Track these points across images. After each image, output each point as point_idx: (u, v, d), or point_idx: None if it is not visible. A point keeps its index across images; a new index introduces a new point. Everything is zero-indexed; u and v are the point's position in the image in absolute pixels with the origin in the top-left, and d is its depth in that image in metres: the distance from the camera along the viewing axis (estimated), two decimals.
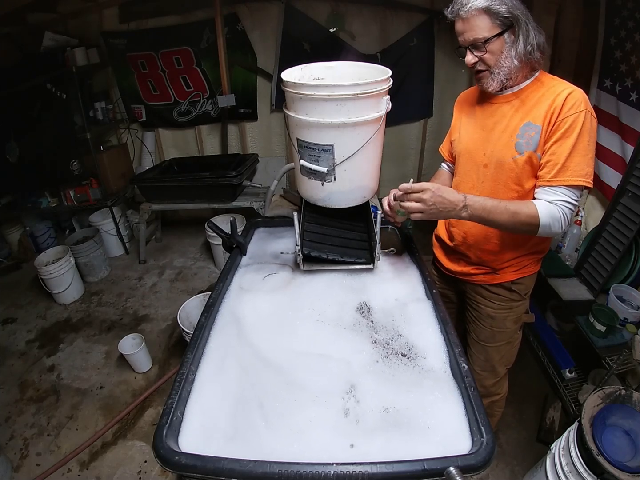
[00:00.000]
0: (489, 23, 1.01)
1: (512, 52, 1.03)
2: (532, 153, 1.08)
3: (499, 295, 1.32)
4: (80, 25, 3.10)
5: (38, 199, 3.25)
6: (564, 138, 1.03)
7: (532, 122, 1.07)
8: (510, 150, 1.11)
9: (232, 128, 3.44)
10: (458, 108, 1.34)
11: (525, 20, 1.01)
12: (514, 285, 1.30)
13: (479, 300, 1.38)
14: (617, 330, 1.66)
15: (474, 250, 1.29)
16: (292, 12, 2.94)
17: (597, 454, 1.18)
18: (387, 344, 1.04)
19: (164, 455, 0.74)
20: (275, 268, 1.37)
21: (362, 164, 1.19)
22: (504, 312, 1.34)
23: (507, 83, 1.09)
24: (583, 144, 1.02)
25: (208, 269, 3.26)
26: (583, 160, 1.03)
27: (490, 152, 1.16)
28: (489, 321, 1.38)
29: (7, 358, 2.43)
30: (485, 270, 1.31)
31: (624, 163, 1.85)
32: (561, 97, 1.03)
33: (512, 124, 1.11)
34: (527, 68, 1.08)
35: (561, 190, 1.05)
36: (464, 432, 0.80)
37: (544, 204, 1.05)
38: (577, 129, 1.01)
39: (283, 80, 1.12)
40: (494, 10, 0.99)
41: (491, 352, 1.43)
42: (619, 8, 1.84)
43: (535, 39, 1.02)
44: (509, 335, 1.40)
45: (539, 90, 1.08)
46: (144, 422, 1.99)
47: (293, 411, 0.86)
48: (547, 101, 1.05)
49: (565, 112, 1.02)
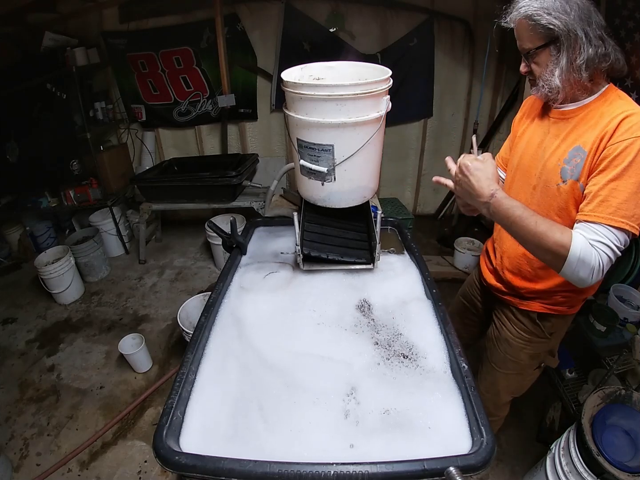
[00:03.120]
0: (533, 33, 0.91)
1: (556, 70, 0.91)
2: (575, 183, 0.94)
3: (522, 324, 1.23)
4: (80, 25, 3.11)
5: (38, 199, 3.24)
6: (612, 167, 0.86)
7: (582, 147, 0.93)
8: (555, 176, 0.99)
9: (232, 128, 3.44)
10: (525, 110, 1.17)
11: (576, 35, 0.86)
12: (540, 319, 1.19)
13: (503, 321, 1.29)
14: (617, 330, 1.66)
15: (507, 272, 1.21)
16: (292, 12, 2.94)
17: (597, 453, 1.18)
18: (389, 346, 1.04)
19: (164, 455, 0.74)
20: (275, 267, 1.37)
21: (362, 164, 1.19)
22: (522, 342, 1.25)
23: (556, 99, 0.97)
24: (635, 178, 0.84)
25: (208, 269, 3.26)
26: (632, 198, 0.84)
27: (539, 174, 1.04)
28: (505, 346, 1.29)
29: (7, 358, 2.43)
30: (515, 293, 1.23)
31: None
32: (616, 120, 0.88)
33: (563, 145, 0.98)
34: (576, 88, 0.94)
35: (601, 230, 0.86)
36: (464, 432, 0.80)
37: (583, 241, 0.86)
38: (629, 157, 0.84)
39: (283, 80, 1.12)
40: (534, 19, 0.88)
41: (499, 377, 1.36)
42: (619, 8, 1.84)
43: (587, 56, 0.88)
44: (522, 368, 1.30)
45: (600, 109, 0.93)
46: (144, 422, 1.99)
47: (293, 412, 0.86)
48: (602, 122, 0.90)
49: (618, 137, 0.86)
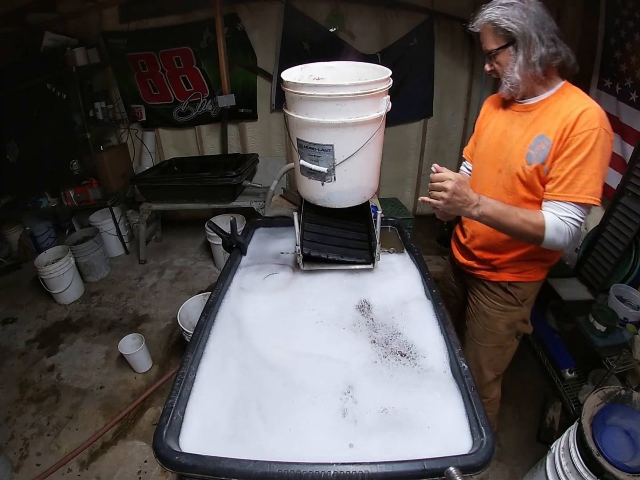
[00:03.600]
0: (495, 36, 1.06)
1: (515, 66, 1.07)
2: (540, 165, 1.10)
3: (495, 294, 1.36)
4: (80, 25, 3.10)
5: (38, 199, 3.24)
6: (575, 155, 1.03)
7: (545, 135, 1.08)
8: (521, 160, 1.13)
9: (232, 128, 3.44)
10: (485, 110, 1.34)
11: (530, 37, 1.02)
12: (510, 287, 1.32)
13: (478, 295, 1.42)
14: (617, 330, 1.66)
15: (479, 249, 1.34)
16: (292, 12, 2.94)
17: (597, 453, 1.18)
18: (386, 344, 1.04)
19: (164, 455, 0.74)
20: (275, 268, 1.37)
21: (362, 164, 1.19)
22: (498, 312, 1.37)
23: (518, 92, 1.12)
24: (594, 162, 1.02)
25: (208, 269, 3.26)
26: (593, 179, 1.03)
27: (505, 159, 1.19)
28: (483, 319, 1.41)
29: (7, 358, 2.43)
30: (486, 267, 1.35)
31: (624, 163, 1.85)
32: (575, 113, 1.03)
33: (527, 134, 1.13)
34: (535, 81, 1.09)
35: (569, 207, 1.06)
36: (464, 432, 0.80)
37: (553, 217, 1.06)
38: (589, 146, 1.01)
39: (283, 80, 1.12)
40: (496, 24, 1.04)
41: (481, 352, 1.46)
42: (619, 8, 1.84)
43: (540, 54, 1.02)
44: (500, 339, 1.41)
45: (558, 102, 1.09)
46: (144, 422, 1.99)
47: (291, 411, 0.86)
48: (562, 115, 1.05)
49: (579, 129, 1.02)
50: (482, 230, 1.28)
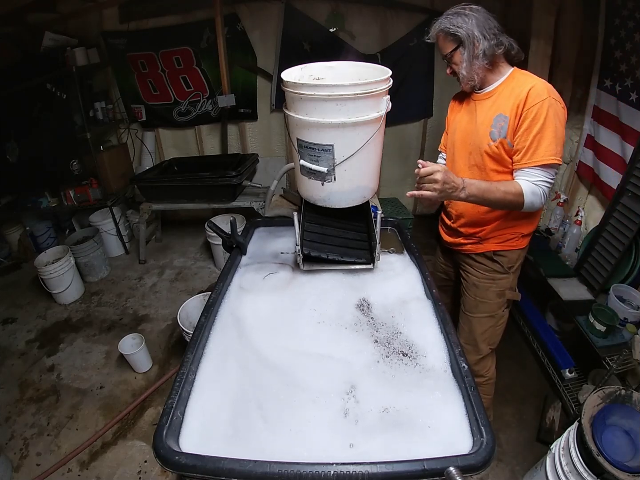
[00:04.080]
0: (447, 41, 1.26)
1: (465, 63, 1.25)
2: (503, 139, 1.25)
3: (483, 265, 1.48)
4: (80, 25, 3.11)
5: (38, 199, 3.24)
6: (533, 126, 1.18)
7: (502, 114, 1.24)
8: (486, 139, 1.30)
9: (232, 128, 3.44)
10: (452, 106, 1.55)
11: (474, 36, 1.20)
12: (496, 256, 1.45)
13: (467, 269, 1.55)
14: (617, 330, 1.66)
15: (465, 226, 1.48)
16: (292, 12, 2.94)
17: (597, 454, 1.18)
18: (388, 343, 1.04)
19: (164, 455, 0.74)
20: (275, 268, 1.37)
21: (362, 164, 1.19)
22: (487, 282, 1.49)
23: (476, 84, 1.30)
24: (551, 128, 1.17)
25: (208, 269, 3.26)
26: (552, 142, 1.17)
27: (473, 141, 1.35)
28: (474, 290, 1.53)
29: (7, 358, 2.43)
30: (472, 241, 1.48)
31: (624, 163, 1.85)
32: (525, 90, 1.19)
33: (488, 116, 1.29)
34: (485, 71, 1.27)
35: (537, 172, 1.21)
36: (464, 432, 0.80)
37: (527, 184, 1.21)
38: (542, 116, 1.16)
39: (283, 80, 1.12)
40: (445, 31, 1.24)
41: (474, 324, 1.55)
42: (619, 8, 1.84)
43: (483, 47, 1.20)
44: (492, 307, 1.51)
45: (510, 85, 1.26)
46: (144, 422, 1.99)
47: (292, 411, 0.86)
48: (514, 94, 1.22)
49: (530, 103, 1.17)
50: (466, 209, 1.44)
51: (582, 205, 2.29)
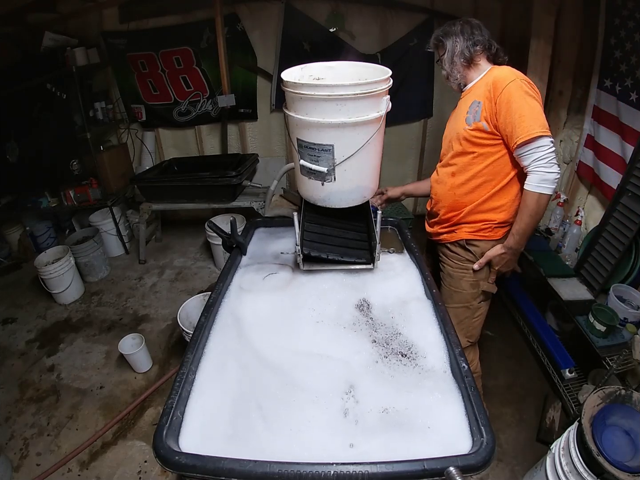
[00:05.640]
0: (438, 48, 1.45)
1: (447, 64, 1.42)
2: (478, 122, 1.34)
3: (457, 255, 1.54)
4: (80, 25, 3.11)
5: (38, 199, 3.24)
6: (511, 109, 1.24)
7: (476, 100, 1.35)
8: (462, 124, 1.40)
9: (232, 128, 3.44)
10: None
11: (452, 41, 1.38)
12: (469, 245, 1.50)
13: (443, 260, 1.61)
14: (617, 330, 1.66)
15: (442, 209, 1.54)
16: (292, 12, 2.94)
17: (597, 454, 1.18)
18: (387, 344, 1.04)
19: (164, 455, 0.74)
20: (275, 268, 1.37)
21: (362, 164, 1.19)
22: (460, 271, 1.54)
23: (460, 82, 1.45)
24: (527, 105, 1.23)
25: (208, 269, 3.26)
26: (533, 116, 1.22)
27: (453, 130, 1.47)
28: (448, 280, 1.59)
29: (7, 358, 2.43)
30: (448, 229, 1.55)
31: (624, 163, 1.85)
32: (492, 76, 1.30)
33: (464, 106, 1.41)
34: (465, 69, 1.41)
35: (526, 151, 1.26)
36: (464, 432, 0.80)
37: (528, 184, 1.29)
38: (514, 97, 1.23)
39: (283, 80, 1.12)
40: (437, 39, 1.43)
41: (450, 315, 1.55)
42: (619, 8, 1.84)
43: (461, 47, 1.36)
44: (466, 297, 1.55)
45: (484, 79, 1.37)
46: (144, 422, 1.98)
47: (292, 411, 0.86)
48: (484, 82, 1.34)
49: (499, 90, 1.25)
50: (441, 191, 1.54)
51: (582, 205, 2.29)
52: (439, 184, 1.56)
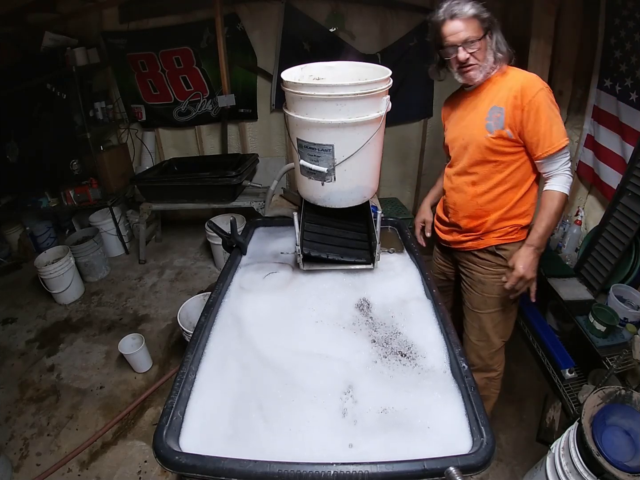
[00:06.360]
0: (478, 25, 1.25)
1: (490, 51, 1.28)
2: (501, 130, 1.29)
3: (486, 260, 1.48)
4: (80, 25, 3.10)
5: (38, 199, 3.24)
6: (540, 118, 1.24)
7: (497, 106, 1.29)
8: (482, 131, 1.33)
9: (232, 128, 3.44)
10: (444, 110, 1.59)
11: (498, 33, 1.28)
12: (498, 250, 1.45)
13: (470, 267, 1.53)
14: (617, 330, 1.66)
15: (465, 219, 1.47)
16: (292, 12, 2.94)
17: (597, 453, 1.18)
18: (386, 343, 1.04)
19: (164, 455, 0.74)
20: (275, 267, 1.37)
21: (362, 164, 1.19)
22: (493, 277, 1.48)
23: (488, 76, 1.33)
24: (552, 115, 1.25)
25: (208, 269, 3.26)
26: (559, 127, 1.26)
27: (469, 136, 1.38)
28: (480, 287, 1.51)
29: (7, 358, 2.43)
30: (472, 237, 1.48)
31: (624, 163, 1.85)
32: (519, 83, 1.25)
33: (481, 110, 1.34)
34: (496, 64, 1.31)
35: (555, 159, 1.28)
36: (464, 432, 0.80)
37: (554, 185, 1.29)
38: (543, 106, 1.23)
39: (283, 80, 1.12)
40: (481, 16, 1.24)
41: (485, 320, 1.53)
42: (619, 8, 1.83)
43: (502, 42, 1.29)
44: (501, 302, 1.49)
45: (500, 79, 1.32)
46: (144, 422, 1.98)
47: (291, 411, 0.86)
48: (507, 87, 1.27)
49: (527, 97, 1.23)
50: (461, 200, 1.46)
51: (582, 205, 2.29)
52: (457, 193, 1.48)
